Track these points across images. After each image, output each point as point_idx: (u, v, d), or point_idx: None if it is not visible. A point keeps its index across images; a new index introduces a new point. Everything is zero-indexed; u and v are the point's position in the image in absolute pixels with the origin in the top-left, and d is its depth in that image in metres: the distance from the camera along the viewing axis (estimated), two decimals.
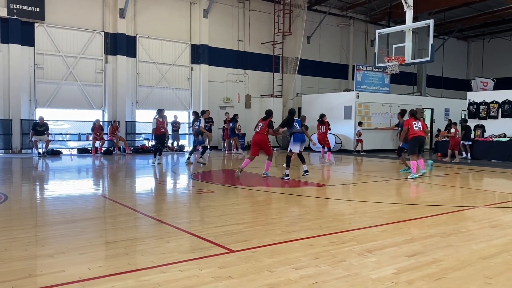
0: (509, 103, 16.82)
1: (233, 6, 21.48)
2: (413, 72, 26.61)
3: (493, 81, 20.25)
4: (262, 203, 7.33)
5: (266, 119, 10.47)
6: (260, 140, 10.41)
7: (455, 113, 22.52)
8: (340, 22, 25.25)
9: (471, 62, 32.61)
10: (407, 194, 8.63)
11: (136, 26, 18.93)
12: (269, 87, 22.68)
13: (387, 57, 13.27)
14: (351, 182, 10.40)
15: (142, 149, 17.85)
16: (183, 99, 20.38)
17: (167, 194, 8.58)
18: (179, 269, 3.74)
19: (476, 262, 4.03)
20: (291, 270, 3.74)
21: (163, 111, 13.28)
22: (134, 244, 4.56)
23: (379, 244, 4.60)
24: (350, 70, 25.24)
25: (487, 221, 5.82)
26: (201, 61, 20.37)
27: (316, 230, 5.17)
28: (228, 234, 4.92)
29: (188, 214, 6.43)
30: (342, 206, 7.14)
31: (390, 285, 3.45)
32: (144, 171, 12.45)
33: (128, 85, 18.65)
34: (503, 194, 8.66)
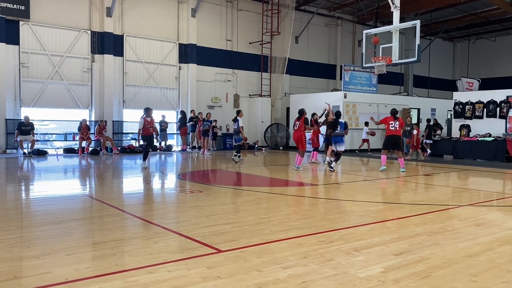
0: (494, 103, 17.07)
1: (221, 5, 21.44)
2: (400, 72, 26.85)
3: (479, 81, 20.52)
4: (251, 202, 7.33)
5: (300, 118, 11.95)
6: (298, 137, 11.92)
7: (441, 113, 22.78)
8: (328, 22, 25.36)
9: (457, 62, 33.02)
10: (394, 194, 8.70)
11: (124, 25, 18.78)
12: (257, 87, 22.69)
13: (374, 57, 13.37)
14: (340, 182, 10.45)
15: (129, 149, 17.72)
16: (171, 98, 20.28)
17: (155, 194, 8.53)
18: (167, 269, 3.72)
19: (461, 260, 4.08)
20: (280, 269, 3.75)
21: (150, 110, 12.36)
22: (121, 245, 4.53)
23: (367, 243, 4.64)
24: (338, 70, 25.37)
25: (472, 220, 5.89)
26: (189, 61, 20.29)
27: (304, 230, 5.19)
28: (217, 234, 4.91)
29: (176, 214, 6.41)
30: (330, 206, 7.18)
31: (377, 283, 3.47)
32: (132, 171, 12.37)
33: (115, 84, 18.49)
34: (488, 193, 8.78)
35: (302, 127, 11.86)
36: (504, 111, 16.77)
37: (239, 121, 13.74)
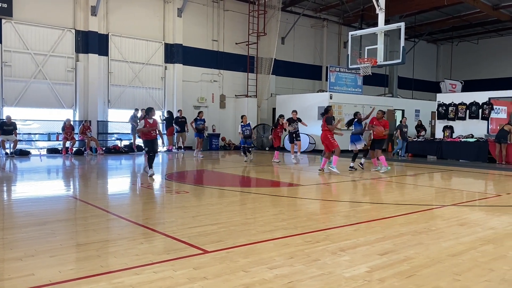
0: (476, 104, 17.35)
1: (208, 5, 21.38)
2: (385, 74, 27.13)
3: (461, 83, 20.85)
4: (237, 203, 7.33)
5: (324, 115, 11.49)
6: (323, 137, 11.47)
7: (425, 114, 23.06)
8: (314, 24, 25.50)
9: (440, 64, 33.51)
10: (379, 194, 8.79)
11: (109, 24, 18.60)
12: (243, 87, 22.69)
13: (359, 58, 13.48)
14: (325, 182, 10.51)
15: (114, 149, 17.54)
16: (156, 98, 20.14)
17: (140, 195, 8.46)
18: (153, 270, 3.70)
19: (445, 260, 4.14)
20: (266, 270, 3.75)
21: (153, 110, 10.46)
22: (106, 246, 4.48)
23: (352, 243, 4.67)
24: (324, 71, 25.52)
25: (455, 220, 5.99)
26: (175, 61, 20.19)
27: (291, 230, 5.21)
28: (203, 235, 4.90)
29: (162, 215, 6.37)
30: (316, 206, 7.21)
31: (363, 283, 3.50)
32: (117, 171, 12.25)
33: (100, 84, 18.29)
34: (471, 193, 8.93)
35: (325, 126, 11.30)
36: (486, 112, 17.07)
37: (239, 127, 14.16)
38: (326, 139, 11.24)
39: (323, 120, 11.43)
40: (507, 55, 29.38)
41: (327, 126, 11.24)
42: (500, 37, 29.70)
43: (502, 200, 7.84)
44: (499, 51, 29.82)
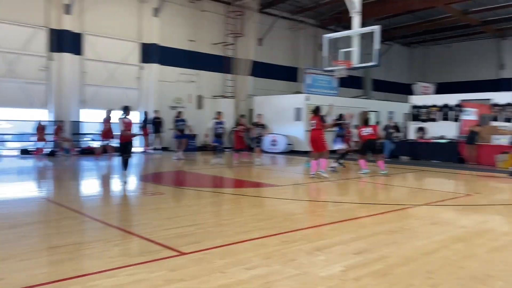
0: (448, 106, 17.81)
1: (184, 5, 21.24)
2: (360, 76, 27.52)
3: (434, 86, 21.36)
4: (214, 204, 7.31)
5: (317, 114, 10.72)
6: (315, 137, 10.61)
7: (399, 115, 23.49)
8: (290, 26, 25.65)
9: (413, 67, 34.19)
10: (354, 194, 8.91)
11: (83, 23, 18.24)
12: (221, 88, 22.63)
13: (335, 61, 13.63)
14: (301, 182, 10.59)
15: (88, 150, 17.22)
16: (132, 99, 19.83)
17: (115, 196, 8.33)
18: (128, 273, 3.65)
19: (419, 258, 4.23)
20: (243, 270, 3.76)
21: (129, 109, 9.77)
22: (80, 249, 4.40)
23: (328, 243, 4.73)
24: (300, 73, 25.70)
25: (428, 219, 6.12)
26: (151, 61, 19.96)
27: (268, 230, 5.23)
28: (179, 236, 4.86)
29: (137, 216, 6.29)
30: (293, 206, 7.26)
31: (338, 282, 3.55)
32: (91, 173, 12.04)
33: (74, 83, 17.92)
34: (442, 192, 9.15)
35: (320, 125, 10.61)
36: (457, 114, 17.54)
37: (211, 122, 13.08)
38: (320, 140, 10.57)
39: (316, 119, 10.64)
40: (477, 59, 30.24)
41: (323, 124, 10.68)
42: (470, 41, 30.53)
43: (472, 200, 8.07)
44: (469, 55, 30.67)
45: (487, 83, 27.93)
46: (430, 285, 3.52)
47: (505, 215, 6.69)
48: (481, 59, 30.06)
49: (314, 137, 10.67)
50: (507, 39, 28.84)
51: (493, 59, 29.66)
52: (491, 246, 4.70)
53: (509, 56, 28.96)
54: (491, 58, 29.72)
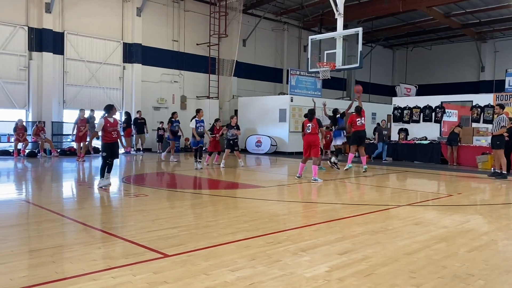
0: (430, 108, 18.08)
1: (168, 5, 21.11)
2: (343, 78, 27.76)
3: (416, 88, 21.66)
4: (198, 206, 7.26)
5: (312, 118, 10.38)
6: (313, 141, 10.30)
7: (381, 117, 23.74)
8: (274, 27, 25.73)
9: (396, 69, 34.65)
10: (338, 194, 8.96)
11: (64, 22, 17.98)
12: (205, 89, 22.56)
13: (319, 62, 13.72)
14: (286, 184, 10.61)
15: (69, 151, 16.96)
16: (114, 99, 19.63)
17: (97, 198, 8.22)
18: (111, 275, 3.60)
19: (401, 258, 4.27)
20: (228, 272, 3.74)
21: (114, 108, 9.04)
22: (61, 252, 4.32)
23: (313, 243, 4.74)
24: (285, 74, 25.79)
25: (410, 219, 6.20)
26: (134, 60, 19.78)
27: (252, 231, 5.22)
28: (163, 239, 4.82)
29: (120, 218, 6.21)
30: (277, 207, 7.26)
31: (323, 283, 3.56)
32: (72, 174, 11.86)
33: (54, 83, 17.64)
34: (425, 193, 9.28)
35: (316, 129, 10.32)
36: (438, 116, 17.83)
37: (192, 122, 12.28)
38: (316, 145, 10.33)
39: (312, 122, 10.32)
40: (458, 61, 30.79)
41: (320, 129, 10.52)
42: (451, 43, 31.08)
43: (454, 200, 8.20)
44: (451, 57, 31.21)
45: (468, 85, 28.48)
46: (413, 284, 3.56)
47: (486, 215, 6.82)
48: (462, 62, 30.63)
49: (310, 142, 10.35)
50: (487, 42, 29.44)
51: (473, 62, 30.24)
52: (472, 246, 4.78)
53: (489, 59, 29.56)
54: (471, 61, 30.30)
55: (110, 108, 8.96)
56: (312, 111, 10.64)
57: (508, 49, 28.56)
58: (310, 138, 10.36)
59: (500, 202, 8.38)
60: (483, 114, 16.48)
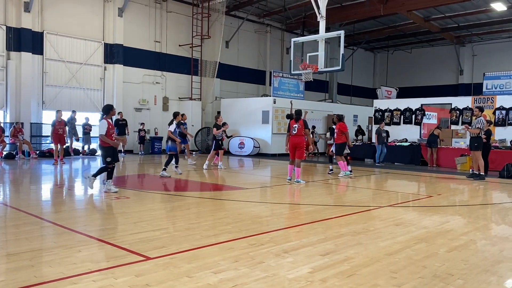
0: (410, 110, 18.36)
1: (150, 6, 20.96)
2: (325, 80, 27.98)
3: (396, 90, 21.98)
4: (180, 208, 7.21)
5: (299, 119, 10.22)
6: (299, 142, 10.15)
7: (363, 119, 24.04)
8: (257, 29, 25.78)
9: (377, 72, 35.11)
10: (320, 196, 9.01)
11: (44, 21, 17.68)
12: (187, 90, 22.45)
13: (301, 64, 13.78)
14: (269, 185, 10.63)
15: (49, 153, 16.64)
16: (95, 100, 19.40)
17: (78, 200, 8.09)
18: (92, 279, 3.55)
19: (383, 258, 4.32)
20: (211, 274, 3.72)
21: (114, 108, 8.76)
22: (40, 255, 4.24)
23: (295, 245, 4.76)
24: (268, 76, 25.87)
25: (391, 220, 6.27)
26: (115, 61, 19.57)
27: (235, 233, 5.21)
28: (145, 241, 4.77)
29: (101, 221, 6.13)
30: (260, 209, 7.26)
31: (305, 284, 3.57)
32: (52, 176, 11.64)
33: (33, 84, 17.32)
34: (405, 194, 9.41)
35: (302, 131, 10.16)
36: (419, 118, 18.12)
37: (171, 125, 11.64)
38: (303, 146, 10.19)
39: (299, 123, 10.19)
40: (438, 64, 31.37)
41: (306, 130, 10.29)
42: (431, 47, 31.65)
43: (433, 201, 8.33)
44: (430, 61, 31.78)
45: (447, 88, 29.04)
46: (394, 284, 3.60)
47: (465, 215, 6.95)
48: (442, 65, 31.22)
49: (295, 143, 10.22)
50: (465, 46, 30.07)
51: (452, 65, 30.85)
52: (451, 246, 4.87)
53: (467, 62, 30.20)
54: (450, 64, 30.91)
55: (110, 108, 8.46)
56: (299, 111, 10.50)
57: (485, 53, 29.23)
58: (296, 140, 10.24)
59: (478, 202, 8.56)
60: (461, 116, 16.82)
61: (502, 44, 28.41)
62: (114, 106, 8.63)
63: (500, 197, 9.45)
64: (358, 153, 18.09)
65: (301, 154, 10.24)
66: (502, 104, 15.94)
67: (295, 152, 10.28)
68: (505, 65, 25.54)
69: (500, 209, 7.88)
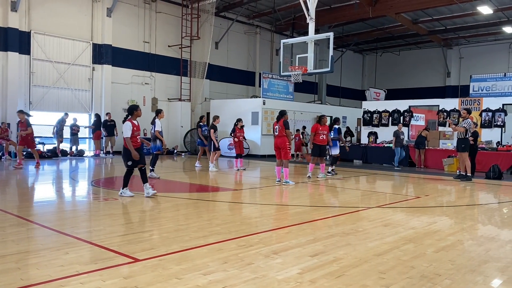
0: (398, 112, 18.52)
1: (139, 6, 20.85)
2: (315, 82, 28.09)
3: (385, 92, 22.17)
4: (169, 209, 7.18)
5: (279, 119, 10.23)
6: (280, 143, 10.16)
7: (352, 120, 24.18)
8: (247, 30, 25.80)
9: (365, 73, 35.36)
10: (309, 197, 9.04)
11: (31, 21, 17.47)
12: (177, 91, 22.36)
13: (291, 66, 13.82)
14: (258, 186, 10.63)
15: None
16: (83, 100, 19.23)
17: (65, 202, 8.01)
18: (79, 281, 3.51)
19: (371, 259, 4.35)
20: (200, 276, 3.71)
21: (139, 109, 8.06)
22: (27, 258, 4.19)
23: (285, 246, 4.76)
24: (257, 77, 25.90)
25: (380, 221, 6.32)
26: (103, 61, 19.42)
27: (225, 235, 5.20)
28: (133, 243, 4.74)
29: (89, 223, 6.07)
30: (250, 210, 7.27)
31: (295, 285, 3.58)
32: (39, 178, 11.51)
33: (20, 84, 17.11)
34: (393, 195, 9.48)
35: (283, 131, 10.10)
36: (407, 119, 18.28)
37: (156, 123, 11.26)
38: (285, 147, 10.16)
39: (279, 124, 10.22)
40: (425, 66, 31.70)
41: (285, 131, 10.18)
42: (419, 49, 31.97)
43: (421, 202, 8.41)
44: (418, 63, 32.09)
45: (434, 90, 29.36)
46: (382, 285, 3.62)
47: (452, 216, 7.02)
48: (429, 67, 31.55)
49: (278, 144, 10.31)
50: (452, 49, 30.42)
51: (440, 67, 31.19)
52: (439, 246, 4.91)
53: (454, 65, 30.57)
54: (438, 66, 31.24)
55: (135, 108, 7.86)
56: (283, 112, 10.46)
57: (472, 55, 29.62)
58: (277, 141, 10.35)
59: (465, 203, 8.66)
60: (449, 118, 17.01)
61: (488, 47, 28.81)
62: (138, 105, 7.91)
63: (487, 198, 9.57)
64: (347, 154, 18.17)
65: (286, 154, 10.21)
66: (488, 106, 16.16)
67: (280, 153, 10.32)
68: (491, 67, 25.94)
69: (486, 209, 7.98)
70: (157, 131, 11.12)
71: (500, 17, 23.52)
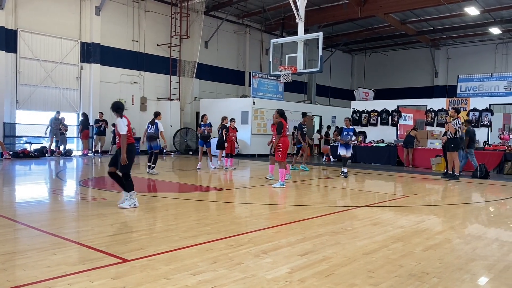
0: (387, 112, 18.64)
1: (128, 5, 20.68)
2: (304, 81, 28.16)
3: (373, 92, 22.30)
4: (159, 209, 7.14)
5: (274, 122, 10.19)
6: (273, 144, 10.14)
7: (341, 120, 24.25)
8: (236, 29, 25.76)
9: (354, 73, 35.53)
10: (298, 196, 9.06)
11: (18, 19, 17.24)
12: (166, 90, 22.25)
13: (280, 66, 13.84)
14: (248, 186, 10.63)
15: (23, 153, 16.24)
16: (71, 100, 19.04)
17: (53, 202, 7.92)
18: (67, 282, 3.48)
19: (360, 258, 4.37)
20: (189, 276, 3.70)
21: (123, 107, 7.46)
22: (13, 258, 4.14)
23: (274, 245, 4.77)
24: (247, 77, 25.87)
25: (369, 220, 6.36)
26: (92, 60, 19.24)
27: (214, 234, 5.19)
28: (122, 243, 4.70)
29: (77, 223, 6.01)
30: (239, 209, 7.26)
31: (284, 284, 3.59)
32: (26, 177, 11.37)
33: (6, 83, 16.87)
34: (382, 194, 9.55)
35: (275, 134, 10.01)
36: (395, 119, 18.41)
37: (158, 124, 11.66)
38: (276, 148, 9.95)
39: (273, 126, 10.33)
40: (414, 66, 31.94)
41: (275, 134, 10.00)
42: (407, 49, 32.21)
43: (409, 201, 8.48)
44: (406, 63, 32.33)
45: (422, 90, 29.61)
46: (371, 283, 3.64)
47: (440, 215, 7.09)
48: (417, 67, 31.80)
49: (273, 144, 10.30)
50: (440, 49, 30.70)
51: (428, 67, 31.45)
52: (427, 245, 4.96)
53: (442, 65, 30.85)
54: (426, 67, 31.51)
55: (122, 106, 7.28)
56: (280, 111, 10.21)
57: (459, 55, 29.93)
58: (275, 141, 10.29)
59: (453, 202, 8.75)
60: (436, 117, 17.17)
61: (475, 47, 29.14)
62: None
63: (474, 197, 9.69)
64: (336, 153, 18.24)
65: (277, 155, 9.97)
66: (475, 106, 16.34)
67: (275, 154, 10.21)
68: (478, 68, 26.24)
69: (473, 208, 8.08)
70: (161, 132, 11.83)
71: (487, 18, 23.80)
